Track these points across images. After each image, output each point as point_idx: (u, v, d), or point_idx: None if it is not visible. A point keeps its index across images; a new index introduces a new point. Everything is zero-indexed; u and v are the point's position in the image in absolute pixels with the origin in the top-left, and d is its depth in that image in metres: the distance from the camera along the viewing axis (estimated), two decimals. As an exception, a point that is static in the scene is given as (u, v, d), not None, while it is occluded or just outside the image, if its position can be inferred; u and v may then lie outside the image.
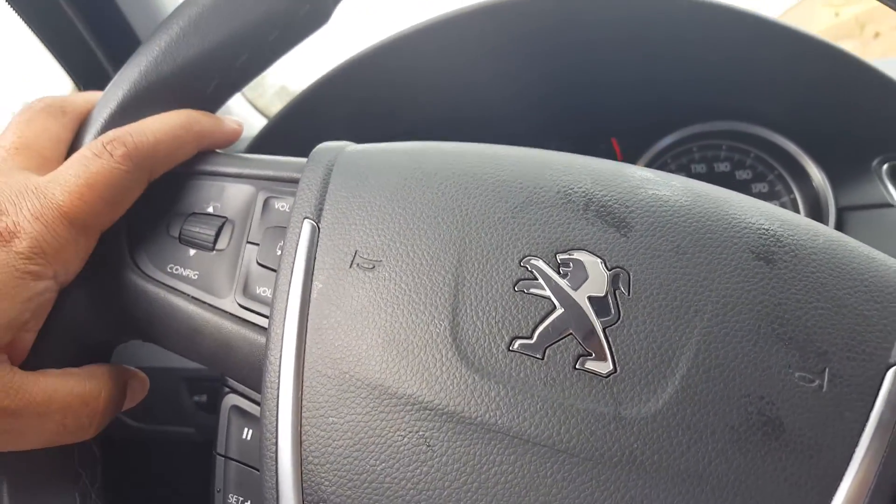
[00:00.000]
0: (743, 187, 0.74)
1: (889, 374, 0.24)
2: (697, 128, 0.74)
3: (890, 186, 0.69)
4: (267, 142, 0.74)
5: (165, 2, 0.73)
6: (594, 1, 0.64)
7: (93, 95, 0.35)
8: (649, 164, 0.75)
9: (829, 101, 0.68)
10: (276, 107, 0.77)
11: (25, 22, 0.70)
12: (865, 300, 0.26)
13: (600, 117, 0.76)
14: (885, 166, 0.70)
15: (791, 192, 0.73)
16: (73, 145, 0.33)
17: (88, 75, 0.75)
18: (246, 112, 0.96)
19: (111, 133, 0.31)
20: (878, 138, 0.70)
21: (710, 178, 0.74)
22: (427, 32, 0.66)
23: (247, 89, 1.01)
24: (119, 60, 0.79)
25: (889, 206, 0.68)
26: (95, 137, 0.32)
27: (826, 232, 0.28)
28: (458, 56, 0.70)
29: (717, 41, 0.66)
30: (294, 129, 0.74)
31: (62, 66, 0.74)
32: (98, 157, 0.30)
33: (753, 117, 0.73)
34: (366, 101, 0.74)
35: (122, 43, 0.73)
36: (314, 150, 0.31)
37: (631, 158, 0.75)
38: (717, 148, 0.75)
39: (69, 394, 0.29)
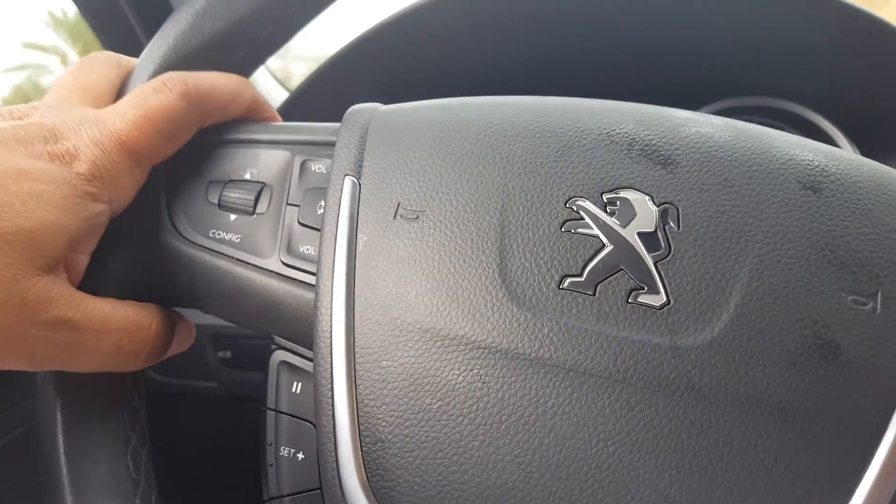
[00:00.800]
0: (772, 165, 0.72)
1: None
2: (727, 103, 0.72)
3: (928, 166, 0.66)
4: (292, 110, 0.75)
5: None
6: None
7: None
8: (675, 140, 0.73)
9: (866, 75, 0.65)
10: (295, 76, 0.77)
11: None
12: None
13: (630, 93, 0.74)
14: (925, 146, 0.67)
15: (823, 171, 0.71)
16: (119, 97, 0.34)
17: (121, 40, 0.77)
18: (267, 82, 0.98)
19: (170, 73, 0.32)
20: (917, 116, 0.66)
21: (739, 154, 0.72)
22: (448, 2, 0.66)
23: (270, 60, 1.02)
24: (151, 27, 0.81)
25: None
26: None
27: (869, 163, 0.28)
28: (482, 27, 0.69)
29: (746, 12, 0.63)
30: (319, 98, 0.74)
31: (95, 31, 0.76)
32: (157, 91, 0.31)
33: (785, 93, 0.70)
34: (390, 69, 0.74)
35: (154, 10, 0.74)
36: (348, 111, 0.32)
37: (656, 133, 0.73)
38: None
39: (125, 317, 0.31)
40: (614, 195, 0.26)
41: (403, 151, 0.29)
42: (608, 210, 0.26)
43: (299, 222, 0.31)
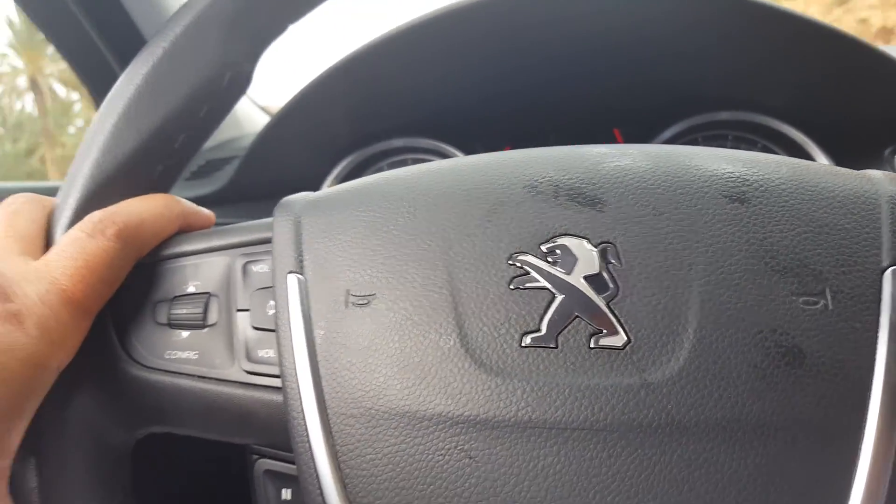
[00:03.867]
0: (749, 178, 0.72)
1: (886, 277, 0.25)
2: (702, 118, 0.72)
3: (903, 177, 0.66)
4: (270, 139, 0.75)
5: (170, 2, 0.74)
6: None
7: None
8: (652, 156, 0.73)
9: (836, 88, 0.66)
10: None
11: (38, 27, 0.72)
12: (842, 214, 0.26)
13: (602, 108, 0.75)
14: (899, 156, 0.68)
15: (799, 182, 0.71)
16: (48, 239, 0.33)
17: (98, 76, 0.77)
18: (245, 104, 0.98)
19: (98, 214, 0.31)
20: (890, 126, 0.67)
21: (715, 169, 0.73)
22: (422, 29, 0.66)
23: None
24: (126, 60, 0.81)
25: (902, 196, 0.66)
26: (65, 230, 0.32)
27: (788, 161, 0.29)
28: (455, 53, 0.70)
29: (716, 29, 0.64)
30: (296, 127, 0.75)
31: (74, 69, 0.76)
32: (91, 237, 0.30)
33: (759, 106, 0.71)
34: (365, 98, 0.74)
35: (129, 44, 0.75)
36: (278, 205, 0.32)
37: (633, 150, 0.74)
38: (723, 138, 0.73)
39: None
40: (552, 244, 0.27)
41: (341, 238, 0.29)
42: (549, 260, 0.26)
43: (253, 327, 0.31)
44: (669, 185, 0.27)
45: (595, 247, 0.26)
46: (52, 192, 0.35)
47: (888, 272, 0.25)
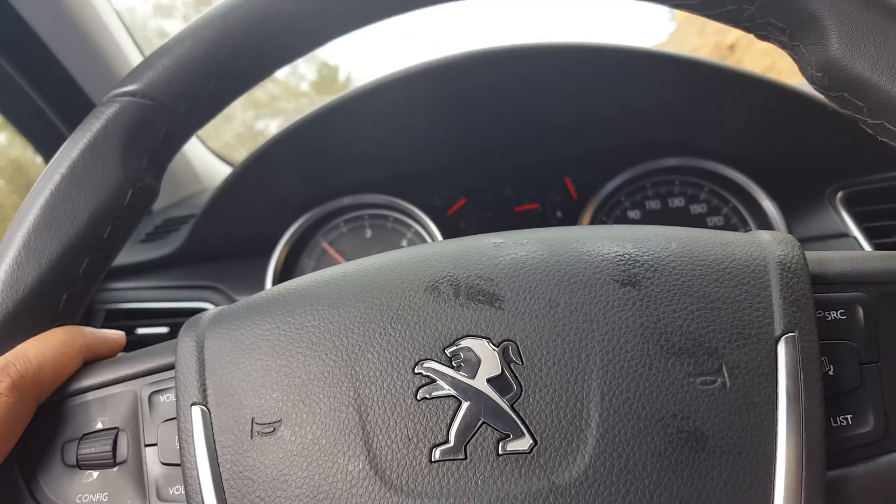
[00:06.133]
0: (698, 221, 0.74)
1: (780, 346, 0.25)
2: (649, 165, 0.74)
3: (845, 215, 0.68)
4: (226, 198, 0.75)
5: (116, 66, 0.75)
6: (535, 58, 0.65)
7: None
8: (604, 202, 0.75)
9: (774, 132, 0.69)
10: (235, 150, 0.77)
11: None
12: (733, 286, 0.26)
13: (553, 159, 0.76)
14: (840, 194, 0.70)
15: (746, 224, 0.73)
16: None
17: (45, 139, 0.76)
18: (205, 158, 0.98)
19: None
20: (830, 166, 0.70)
21: (665, 213, 0.74)
22: (376, 91, 0.67)
23: (206, 135, 1.03)
24: (73, 122, 0.81)
25: (845, 235, 0.67)
26: None
27: (678, 235, 0.29)
28: (407, 113, 0.71)
29: (652, 84, 0.67)
30: (251, 186, 0.75)
31: (23, 134, 0.76)
32: None
33: (704, 152, 0.73)
34: (319, 157, 0.75)
35: (75, 106, 0.75)
36: (183, 326, 0.31)
37: (585, 197, 0.75)
38: (671, 184, 0.75)
39: None
40: (456, 347, 0.27)
41: (244, 362, 0.28)
42: (454, 364, 0.26)
43: (161, 462, 0.30)
44: (563, 274, 0.27)
45: (496, 346, 0.26)
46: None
47: (781, 341, 0.25)
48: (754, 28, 0.32)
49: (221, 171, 1.01)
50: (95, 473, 0.31)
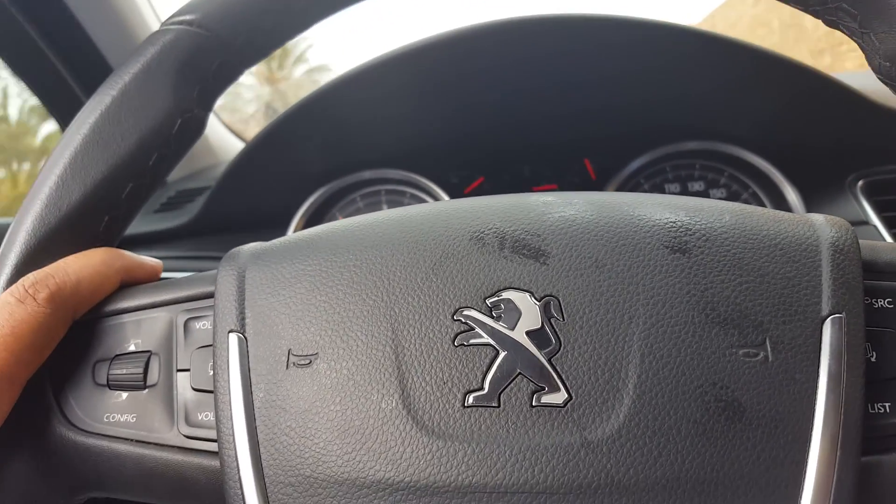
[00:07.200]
0: (717, 206, 0.74)
1: (826, 326, 0.25)
2: (670, 148, 0.74)
3: (865, 204, 0.68)
4: (241, 170, 0.74)
5: (136, 31, 0.74)
6: (559, 31, 0.65)
7: None
8: (623, 184, 0.74)
9: (796, 117, 0.68)
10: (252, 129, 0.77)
11: (5, 61, 0.71)
12: (784, 262, 0.26)
13: (572, 139, 0.76)
14: (861, 183, 0.69)
15: (766, 210, 0.73)
16: None
17: (65, 106, 0.76)
18: (219, 132, 0.98)
19: (32, 276, 0.30)
20: (852, 154, 0.69)
21: (684, 197, 0.74)
22: (396, 63, 0.67)
23: (224, 111, 1.02)
24: (92, 88, 0.80)
25: (865, 223, 0.67)
26: (3, 289, 0.31)
27: (731, 208, 0.29)
28: (428, 86, 0.71)
29: (679, 63, 0.66)
30: (267, 158, 0.74)
31: (43, 103, 0.75)
32: (21, 301, 0.29)
33: (726, 136, 0.73)
34: (337, 130, 0.74)
35: (95, 72, 0.74)
36: (224, 257, 0.31)
37: (604, 179, 0.75)
38: (691, 167, 0.75)
39: None
40: (497, 298, 0.27)
41: (284, 294, 0.28)
42: (494, 314, 0.26)
43: (192, 388, 0.30)
44: (612, 236, 0.27)
45: (538, 300, 0.26)
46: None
47: (828, 321, 0.25)
48: (825, 13, 0.31)
49: (235, 146, 1.00)
50: (125, 394, 0.31)
